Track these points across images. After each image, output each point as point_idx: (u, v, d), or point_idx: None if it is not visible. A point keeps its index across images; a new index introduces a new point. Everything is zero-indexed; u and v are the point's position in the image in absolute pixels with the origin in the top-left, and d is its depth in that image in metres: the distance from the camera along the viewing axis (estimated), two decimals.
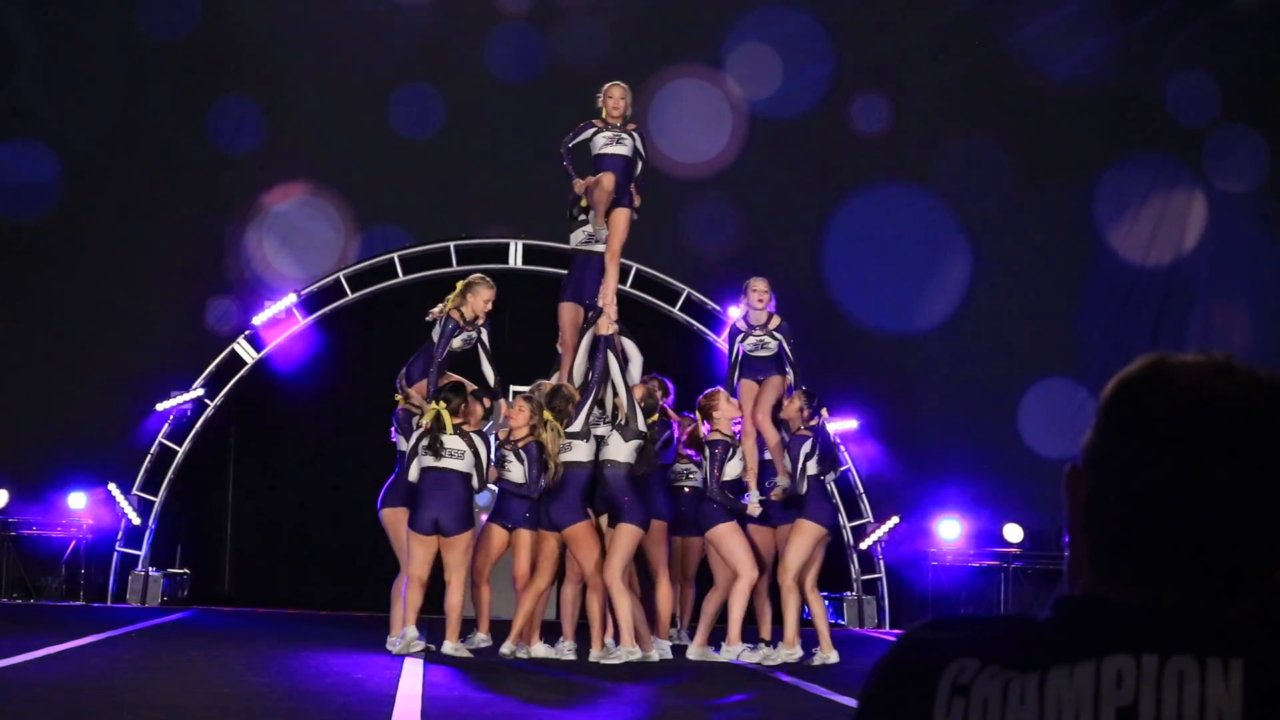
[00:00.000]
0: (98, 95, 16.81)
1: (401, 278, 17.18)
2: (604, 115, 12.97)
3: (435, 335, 12.15)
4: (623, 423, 11.81)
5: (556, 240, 16.82)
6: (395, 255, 17.18)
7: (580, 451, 11.70)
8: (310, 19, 17.10)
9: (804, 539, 11.89)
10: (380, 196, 17.22)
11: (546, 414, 11.68)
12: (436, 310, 12.28)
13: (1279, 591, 1.61)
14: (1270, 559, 1.60)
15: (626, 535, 11.64)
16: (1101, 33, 17.29)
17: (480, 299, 12.24)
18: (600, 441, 11.87)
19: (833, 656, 11.91)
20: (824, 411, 12.36)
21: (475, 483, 11.64)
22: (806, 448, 11.97)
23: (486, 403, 11.92)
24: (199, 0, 16.95)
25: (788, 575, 11.90)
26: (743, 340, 12.83)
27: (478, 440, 11.65)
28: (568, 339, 12.87)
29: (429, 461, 11.50)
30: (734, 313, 13.42)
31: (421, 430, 11.60)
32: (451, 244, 17.16)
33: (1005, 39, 17.25)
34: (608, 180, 12.54)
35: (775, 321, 12.83)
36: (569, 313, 12.89)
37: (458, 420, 11.58)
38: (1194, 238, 17.40)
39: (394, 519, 11.81)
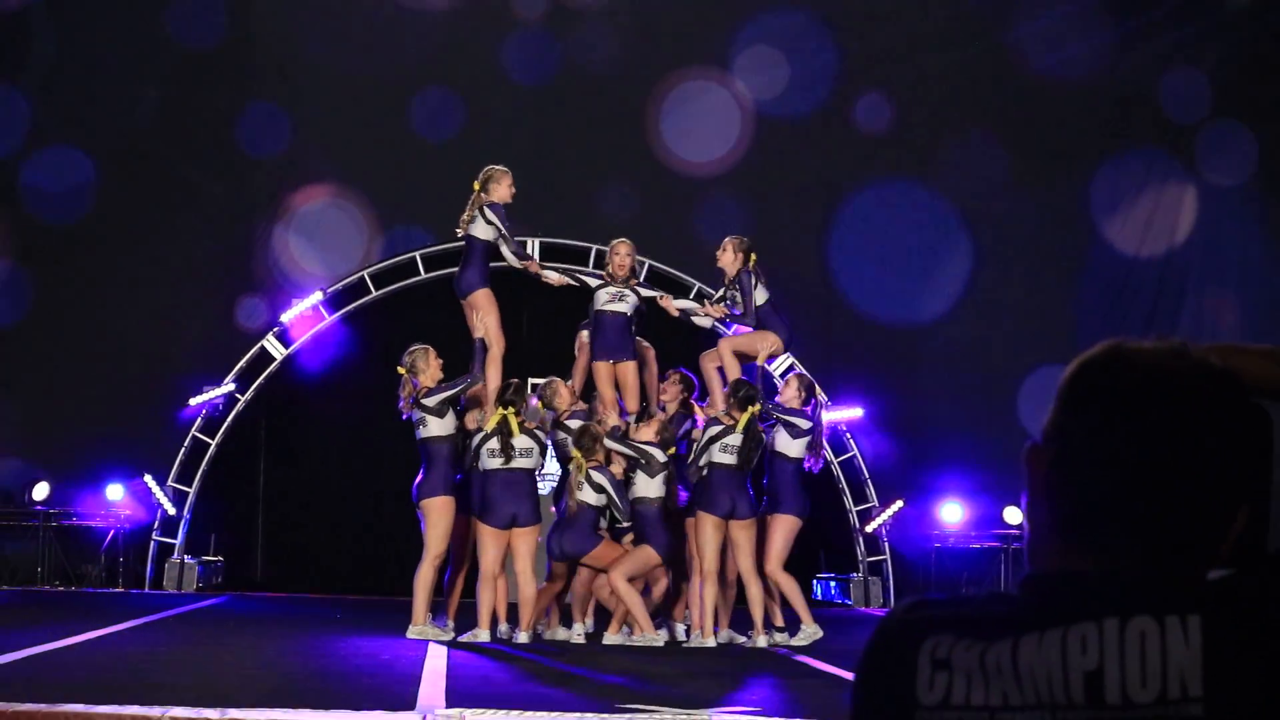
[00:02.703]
0: (132, 103, 16.89)
1: (423, 275, 17.24)
2: (609, 271, 12.78)
3: (487, 232, 12.14)
4: (644, 462, 11.78)
5: (572, 238, 16.91)
6: (417, 254, 17.24)
7: (589, 496, 11.59)
8: (333, 27, 17.15)
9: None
10: (402, 197, 17.26)
11: (575, 452, 11.64)
12: (466, 217, 12.30)
13: (1231, 555, 1.67)
14: (1218, 527, 1.66)
15: (644, 554, 11.65)
16: (1097, 32, 17.28)
17: (505, 186, 12.33)
18: (629, 483, 11.84)
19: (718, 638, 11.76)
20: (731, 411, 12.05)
21: (540, 471, 11.71)
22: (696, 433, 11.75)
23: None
24: (227, 12, 17.00)
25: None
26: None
27: (540, 434, 11.66)
28: (604, 393, 12.59)
29: (498, 464, 11.47)
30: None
31: (485, 434, 11.53)
32: None
33: (1003, 38, 17.25)
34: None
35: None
36: (603, 370, 12.65)
37: (521, 420, 11.58)
38: (1186, 230, 17.38)
39: (436, 508, 11.56)
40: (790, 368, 16.75)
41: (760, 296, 12.44)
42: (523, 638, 11.40)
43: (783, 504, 11.90)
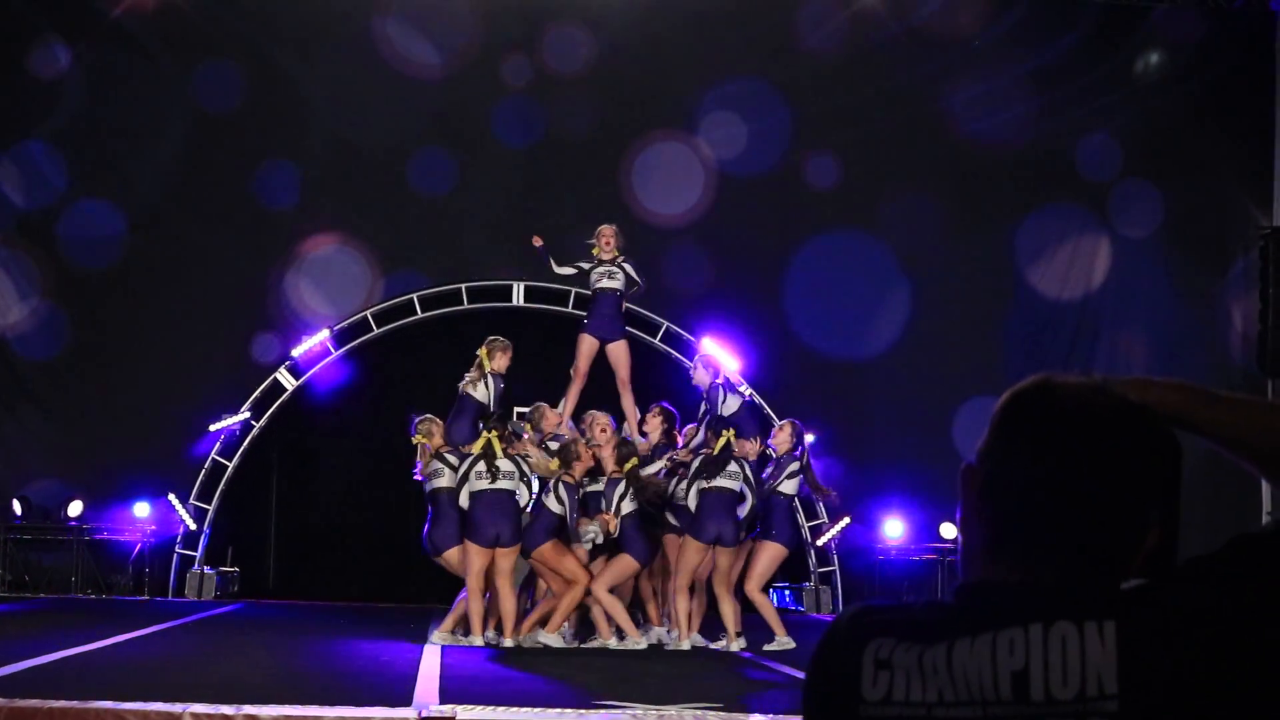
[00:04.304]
0: (160, 160, 16.86)
1: (420, 315, 17.22)
2: (597, 252, 12.83)
3: (483, 395, 11.98)
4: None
5: (554, 281, 16.89)
6: (414, 296, 17.22)
7: (552, 504, 11.39)
8: (340, 93, 17.16)
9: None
10: (401, 245, 17.25)
11: (555, 463, 11.55)
12: (472, 377, 12.10)
13: (1143, 568, 1.68)
14: (1132, 542, 1.67)
15: (622, 563, 11.52)
16: (1021, 101, 17.39)
17: (506, 358, 12.20)
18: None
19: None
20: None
21: (522, 498, 11.42)
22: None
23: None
24: (245, 80, 16.99)
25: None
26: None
27: (522, 462, 11.50)
28: (580, 366, 12.80)
29: (485, 485, 11.29)
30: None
31: (475, 457, 11.39)
32: (463, 285, 17.20)
33: (938, 105, 17.34)
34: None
35: None
36: (586, 344, 12.81)
37: (503, 445, 11.45)
38: (1100, 276, 17.48)
39: (456, 557, 11.47)
40: (748, 398, 16.77)
41: (733, 404, 12.17)
42: (508, 643, 11.31)
43: (776, 533, 11.80)
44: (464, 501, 11.37)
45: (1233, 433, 1.71)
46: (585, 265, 12.92)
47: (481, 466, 11.34)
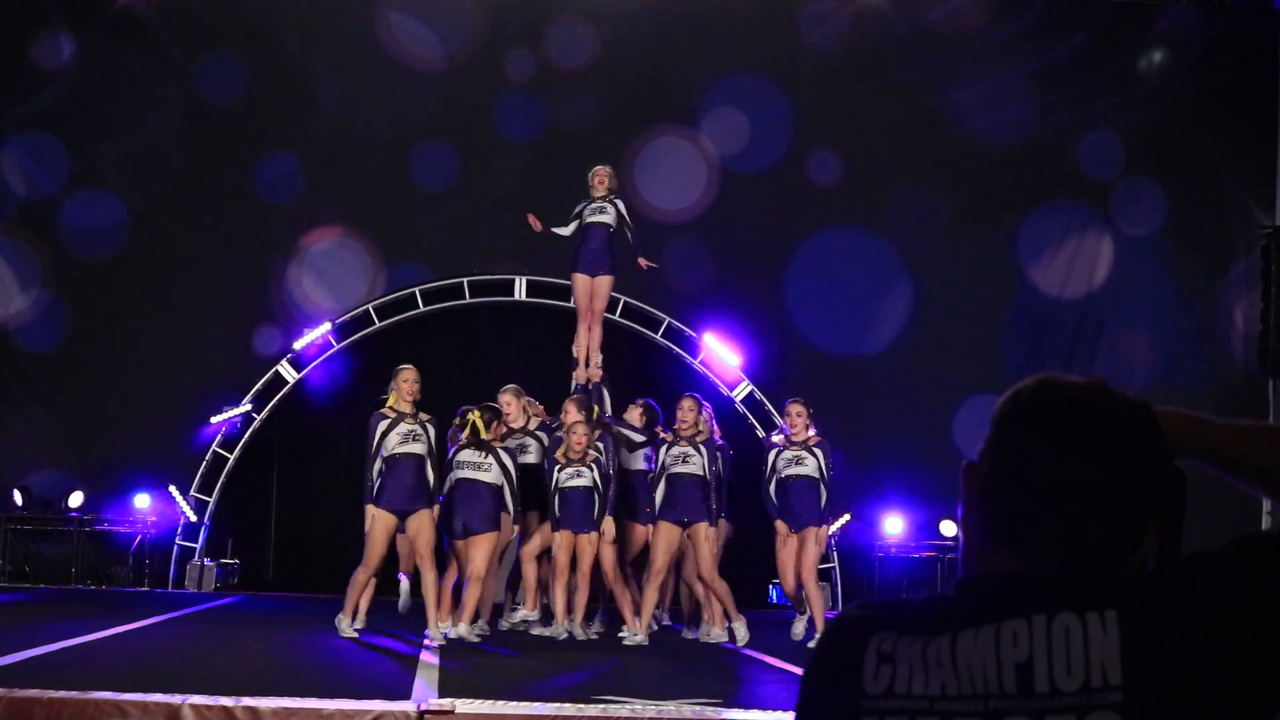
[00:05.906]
0: (162, 151, 16.85)
1: (421, 308, 17.22)
2: (591, 189, 12.94)
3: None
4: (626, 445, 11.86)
5: (556, 276, 16.90)
6: (416, 289, 17.22)
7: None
8: (342, 86, 17.16)
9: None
10: (403, 238, 17.25)
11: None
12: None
13: (1143, 561, 1.69)
14: (1132, 536, 1.68)
15: (632, 534, 11.58)
16: (1023, 99, 17.38)
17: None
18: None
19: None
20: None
21: (507, 495, 11.20)
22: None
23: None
24: (248, 71, 16.99)
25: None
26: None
27: (503, 452, 11.38)
28: (581, 303, 12.84)
29: (465, 475, 11.12)
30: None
31: (461, 445, 11.16)
32: (465, 279, 17.20)
33: (940, 102, 17.33)
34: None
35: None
36: (579, 282, 12.89)
37: (489, 436, 11.31)
38: (1102, 274, 17.47)
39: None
40: (749, 394, 16.78)
41: None
42: (460, 630, 11.08)
43: (823, 515, 11.96)
44: (446, 488, 11.24)
45: (1238, 453, 1.72)
46: (577, 208, 13.02)
47: (465, 455, 11.17)
